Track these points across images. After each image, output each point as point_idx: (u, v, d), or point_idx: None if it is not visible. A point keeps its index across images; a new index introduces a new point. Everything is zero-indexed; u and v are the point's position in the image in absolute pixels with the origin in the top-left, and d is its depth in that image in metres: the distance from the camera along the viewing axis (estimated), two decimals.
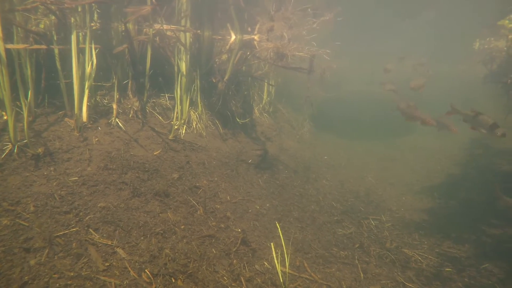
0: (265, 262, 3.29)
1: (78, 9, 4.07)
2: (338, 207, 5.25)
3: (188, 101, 5.03)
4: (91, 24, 4.31)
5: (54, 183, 3.14)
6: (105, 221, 2.97)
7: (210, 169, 4.61)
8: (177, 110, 4.75)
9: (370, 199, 5.78)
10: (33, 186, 3.04)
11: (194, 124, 5.30)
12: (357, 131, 10.62)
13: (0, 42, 3.12)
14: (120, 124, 4.32)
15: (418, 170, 7.54)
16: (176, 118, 4.78)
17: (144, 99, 4.94)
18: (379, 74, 7.49)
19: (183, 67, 4.96)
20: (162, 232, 3.13)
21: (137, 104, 4.74)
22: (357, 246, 4.18)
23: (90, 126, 4.07)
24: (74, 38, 3.80)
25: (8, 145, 3.28)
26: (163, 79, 5.35)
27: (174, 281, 2.63)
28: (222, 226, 3.61)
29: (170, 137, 4.64)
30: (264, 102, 8.01)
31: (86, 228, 2.83)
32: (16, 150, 3.27)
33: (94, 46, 4.06)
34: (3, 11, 3.54)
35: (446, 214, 5.34)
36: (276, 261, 3.10)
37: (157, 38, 5.05)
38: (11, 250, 2.39)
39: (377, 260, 3.92)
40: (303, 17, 5.94)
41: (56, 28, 4.06)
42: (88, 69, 3.97)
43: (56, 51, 3.96)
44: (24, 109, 3.34)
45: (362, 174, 7.05)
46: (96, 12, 4.48)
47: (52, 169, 3.30)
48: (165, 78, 5.35)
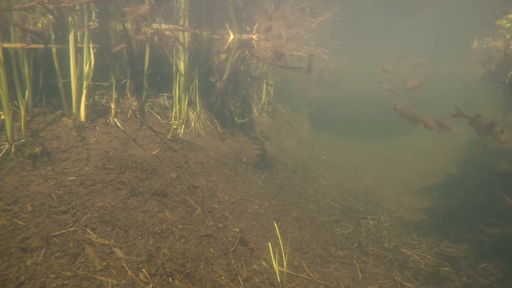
0: (263, 262, 3.28)
1: (76, 8, 4.06)
2: (336, 207, 5.25)
3: (186, 100, 5.02)
4: (89, 23, 4.29)
5: (52, 183, 3.14)
6: (102, 220, 2.96)
7: (209, 168, 4.60)
8: (175, 110, 4.74)
9: (368, 199, 5.78)
10: (30, 185, 3.04)
11: (192, 123, 5.29)
12: (356, 131, 10.62)
13: None
14: (118, 123, 4.31)
15: (416, 169, 7.54)
16: (174, 118, 4.77)
17: (142, 99, 4.94)
18: (378, 74, 7.49)
19: (182, 67, 4.96)
20: (159, 231, 3.12)
21: (135, 103, 4.73)
22: (355, 245, 4.18)
23: (88, 125, 4.06)
24: (72, 37, 3.79)
25: (5, 144, 3.28)
26: (162, 79, 5.34)
27: (171, 280, 2.63)
28: (220, 225, 3.61)
29: (169, 136, 4.63)
30: (263, 101, 8.01)
31: (83, 227, 2.82)
32: (13, 150, 3.26)
33: (92, 46, 4.06)
34: (0, 10, 3.54)
35: (445, 214, 5.34)
36: (273, 260, 3.09)
37: (155, 38, 5.04)
38: (8, 250, 2.39)
39: (375, 259, 3.92)
40: (302, 16, 5.94)
41: (54, 27, 4.04)
42: (86, 68, 3.96)
43: (54, 51, 3.95)
44: (21, 108, 3.33)
45: (361, 174, 7.05)
46: (94, 11, 4.47)
47: (49, 168, 3.29)
48: (163, 78, 5.35)
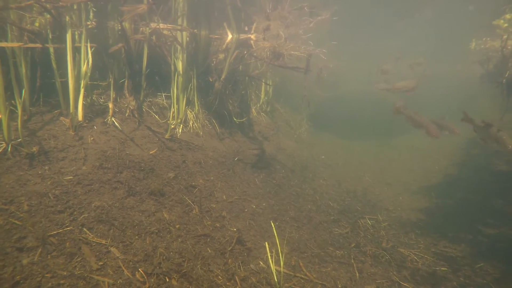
0: (260, 262, 3.28)
1: (74, 7, 4.05)
2: (335, 207, 5.25)
3: (184, 100, 5.02)
4: (87, 22, 4.29)
5: (49, 182, 3.13)
6: (99, 220, 2.96)
7: (207, 168, 4.60)
8: (173, 109, 4.74)
9: (367, 199, 5.78)
10: (27, 185, 3.03)
11: (190, 123, 5.29)
12: (354, 131, 10.61)
13: None
14: (116, 123, 4.31)
15: (415, 169, 7.54)
16: (172, 117, 4.77)
17: (140, 98, 4.93)
18: (377, 74, 7.48)
19: (180, 66, 4.95)
20: (157, 231, 3.12)
21: (133, 103, 4.72)
22: (353, 245, 4.18)
23: (85, 125, 4.05)
24: (69, 36, 3.79)
25: (2, 144, 3.27)
26: (160, 78, 5.34)
27: (168, 280, 2.62)
28: (218, 225, 3.61)
29: (167, 136, 4.63)
30: (261, 101, 8.00)
31: (80, 227, 2.82)
32: (10, 149, 3.25)
33: (90, 45, 4.06)
34: None
35: (443, 214, 5.34)
36: (270, 260, 3.09)
37: (153, 37, 5.03)
38: (3, 250, 2.38)
39: (373, 259, 3.92)
40: (300, 16, 5.94)
41: (51, 26, 4.04)
42: (83, 68, 3.96)
43: (51, 50, 3.94)
44: (18, 107, 3.32)
45: (360, 174, 7.05)
46: (92, 10, 4.47)
47: (46, 168, 3.28)
48: (161, 77, 5.34)
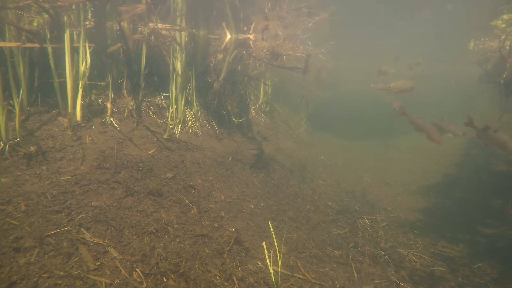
0: (258, 262, 3.28)
1: (72, 7, 4.05)
2: (333, 207, 5.25)
3: (183, 100, 5.02)
4: (85, 22, 4.29)
5: (46, 182, 3.13)
6: (97, 220, 2.95)
7: (205, 168, 4.60)
8: (172, 110, 4.74)
9: (366, 199, 5.78)
10: (24, 185, 3.03)
11: (189, 123, 5.28)
12: (354, 131, 10.62)
13: None
14: (114, 123, 4.31)
15: (414, 169, 7.54)
16: (171, 118, 4.76)
17: (139, 98, 4.93)
18: (375, 74, 7.47)
19: (179, 66, 4.95)
20: (154, 231, 3.12)
21: (132, 103, 4.72)
22: (351, 245, 4.18)
23: (84, 125, 4.05)
24: (67, 36, 3.79)
25: None
26: (158, 78, 5.34)
27: (165, 280, 2.62)
28: (216, 225, 3.60)
29: (165, 136, 4.63)
30: (260, 101, 8.00)
31: (77, 227, 2.82)
32: (7, 149, 3.25)
33: (88, 45, 4.05)
34: None
35: (442, 214, 5.34)
36: (268, 260, 3.09)
37: (152, 37, 5.03)
38: (0, 250, 2.38)
39: (371, 259, 3.92)
40: (298, 16, 5.94)
41: (49, 26, 4.04)
42: (82, 68, 3.95)
43: (49, 50, 3.94)
44: (16, 107, 3.32)
45: (359, 174, 7.05)
46: (90, 10, 4.47)
47: (44, 168, 3.28)
48: (160, 77, 5.34)
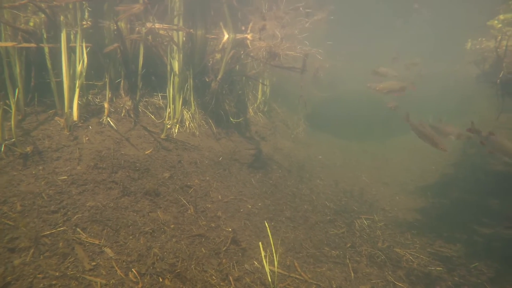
0: (255, 262, 3.28)
1: (69, 6, 4.04)
2: (331, 207, 5.25)
3: (181, 100, 5.01)
4: (82, 22, 4.28)
5: (43, 182, 3.12)
6: (93, 220, 2.95)
7: (202, 168, 4.59)
8: (169, 109, 4.73)
9: (363, 199, 5.79)
10: (20, 185, 3.02)
11: (187, 123, 5.28)
12: (352, 131, 10.62)
13: None
14: (111, 123, 4.30)
15: (412, 169, 7.55)
16: (168, 117, 4.76)
17: (136, 98, 4.92)
18: (371, 75, 7.47)
19: (176, 66, 4.95)
20: (151, 231, 3.11)
21: (129, 103, 4.71)
22: (348, 245, 4.18)
23: (81, 125, 4.04)
24: (64, 36, 3.78)
25: None
26: (156, 78, 5.33)
27: (161, 280, 2.62)
28: (213, 225, 3.60)
29: (162, 136, 4.62)
30: (258, 101, 8.00)
31: (73, 227, 2.81)
32: (3, 149, 3.24)
33: (85, 45, 4.04)
34: None
35: (439, 214, 5.35)
36: (264, 260, 3.09)
37: (149, 37, 5.02)
38: None
39: (368, 259, 3.92)
40: (296, 16, 5.94)
41: (46, 26, 4.03)
42: (79, 67, 3.94)
43: (46, 50, 3.93)
44: (12, 107, 3.31)
45: (357, 174, 7.06)
46: (87, 10, 4.46)
47: (40, 168, 3.27)
48: (158, 77, 5.33)
